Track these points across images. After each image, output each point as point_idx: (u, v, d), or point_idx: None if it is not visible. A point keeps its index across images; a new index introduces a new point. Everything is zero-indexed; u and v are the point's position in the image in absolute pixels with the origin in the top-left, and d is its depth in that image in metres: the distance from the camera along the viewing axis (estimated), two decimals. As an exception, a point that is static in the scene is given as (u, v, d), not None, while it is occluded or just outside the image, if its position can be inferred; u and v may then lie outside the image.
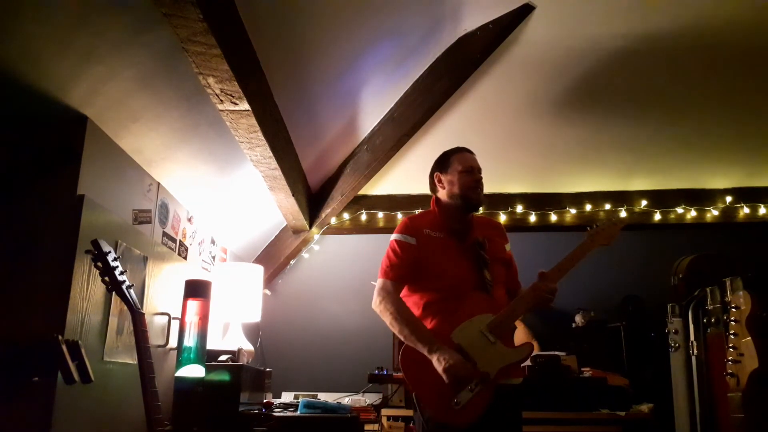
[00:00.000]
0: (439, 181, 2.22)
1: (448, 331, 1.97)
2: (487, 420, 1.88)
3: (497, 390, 1.92)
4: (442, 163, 2.23)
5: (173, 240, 2.96)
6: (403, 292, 2.13)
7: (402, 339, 2.01)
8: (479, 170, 2.19)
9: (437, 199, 2.22)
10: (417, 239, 2.10)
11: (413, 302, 2.10)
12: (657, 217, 4.21)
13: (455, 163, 2.18)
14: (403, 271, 2.08)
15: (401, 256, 2.09)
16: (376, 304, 2.07)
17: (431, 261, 2.08)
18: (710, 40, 3.14)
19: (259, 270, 3.60)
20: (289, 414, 3.02)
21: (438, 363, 1.89)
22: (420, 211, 4.15)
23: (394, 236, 2.15)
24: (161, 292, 2.70)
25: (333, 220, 4.17)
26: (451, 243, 2.12)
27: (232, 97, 2.20)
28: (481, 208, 2.20)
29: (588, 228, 2.18)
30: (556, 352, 3.49)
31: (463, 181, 2.14)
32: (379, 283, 2.10)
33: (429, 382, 1.91)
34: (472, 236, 2.15)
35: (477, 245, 2.12)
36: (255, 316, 3.51)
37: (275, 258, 4.19)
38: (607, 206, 4.23)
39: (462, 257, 2.09)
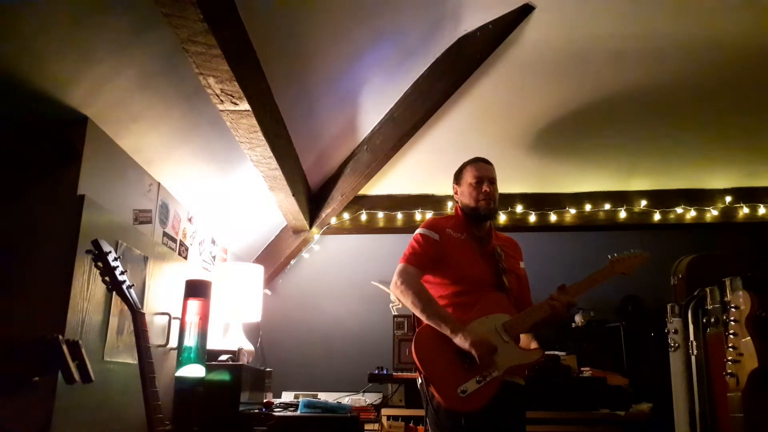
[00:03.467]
0: (456, 192, 2.34)
1: (463, 324, 2.02)
2: (492, 414, 1.91)
3: (503, 386, 1.96)
4: (457, 176, 2.34)
5: (173, 240, 2.96)
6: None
7: (423, 318, 2.05)
8: (491, 180, 2.25)
9: (458, 208, 2.32)
10: (440, 236, 2.20)
11: (432, 294, 2.14)
12: (657, 217, 4.21)
13: (466, 175, 2.28)
14: (424, 259, 2.16)
15: (424, 246, 2.18)
16: (396, 284, 2.12)
17: (453, 256, 2.16)
18: (710, 40, 3.14)
19: (259, 270, 3.60)
20: (289, 414, 3.02)
21: (463, 340, 1.94)
22: (420, 210, 4.20)
23: (418, 230, 2.24)
24: (162, 292, 2.71)
25: (333, 220, 4.17)
26: (473, 245, 2.21)
27: (233, 97, 2.20)
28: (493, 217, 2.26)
29: (609, 256, 2.25)
30: (556, 352, 3.50)
31: (472, 193, 2.23)
32: (399, 267, 2.16)
33: (440, 365, 1.97)
34: (492, 244, 2.24)
35: (495, 253, 2.21)
36: (255, 316, 3.52)
37: (275, 258, 4.20)
38: (607, 206, 4.23)
39: (483, 260, 2.18)
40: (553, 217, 4.21)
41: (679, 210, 4.22)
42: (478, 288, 2.11)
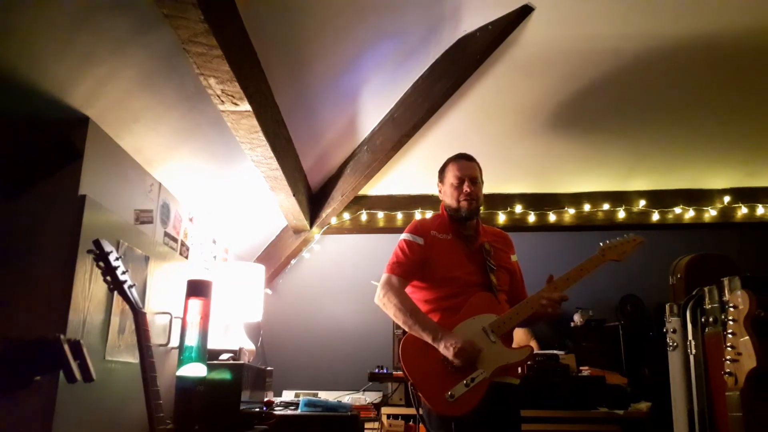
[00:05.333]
0: (440, 191, 2.30)
1: (450, 327, 2.01)
2: (484, 416, 1.90)
3: (492, 387, 1.94)
4: (440, 173, 2.31)
5: (175, 240, 2.97)
6: (410, 290, 2.17)
7: (406, 329, 2.05)
8: (472, 180, 2.19)
9: (443, 207, 2.29)
10: (425, 239, 2.16)
11: (418, 299, 2.14)
12: (655, 217, 4.22)
13: (448, 174, 2.25)
14: (408, 268, 2.13)
15: (408, 254, 2.14)
16: (379, 297, 2.12)
17: (438, 260, 2.13)
18: (709, 41, 3.15)
19: (260, 269, 3.61)
20: (289, 412, 3.03)
21: (446, 349, 1.94)
22: (420, 210, 4.20)
23: (403, 236, 2.21)
24: (163, 291, 2.71)
25: (333, 220, 4.18)
26: (459, 245, 2.17)
27: (233, 97, 2.21)
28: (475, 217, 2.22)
29: (601, 243, 2.21)
30: (555, 351, 3.51)
31: (453, 194, 2.19)
32: (383, 277, 2.15)
33: (427, 371, 1.97)
34: (479, 241, 2.20)
35: (484, 251, 2.17)
36: (256, 316, 3.52)
37: (276, 258, 4.21)
38: (606, 206, 4.24)
39: (469, 260, 2.15)
40: (552, 217, 4.22)
41: (678, 210, 4.23)
42: (466, 290, 2.08)
